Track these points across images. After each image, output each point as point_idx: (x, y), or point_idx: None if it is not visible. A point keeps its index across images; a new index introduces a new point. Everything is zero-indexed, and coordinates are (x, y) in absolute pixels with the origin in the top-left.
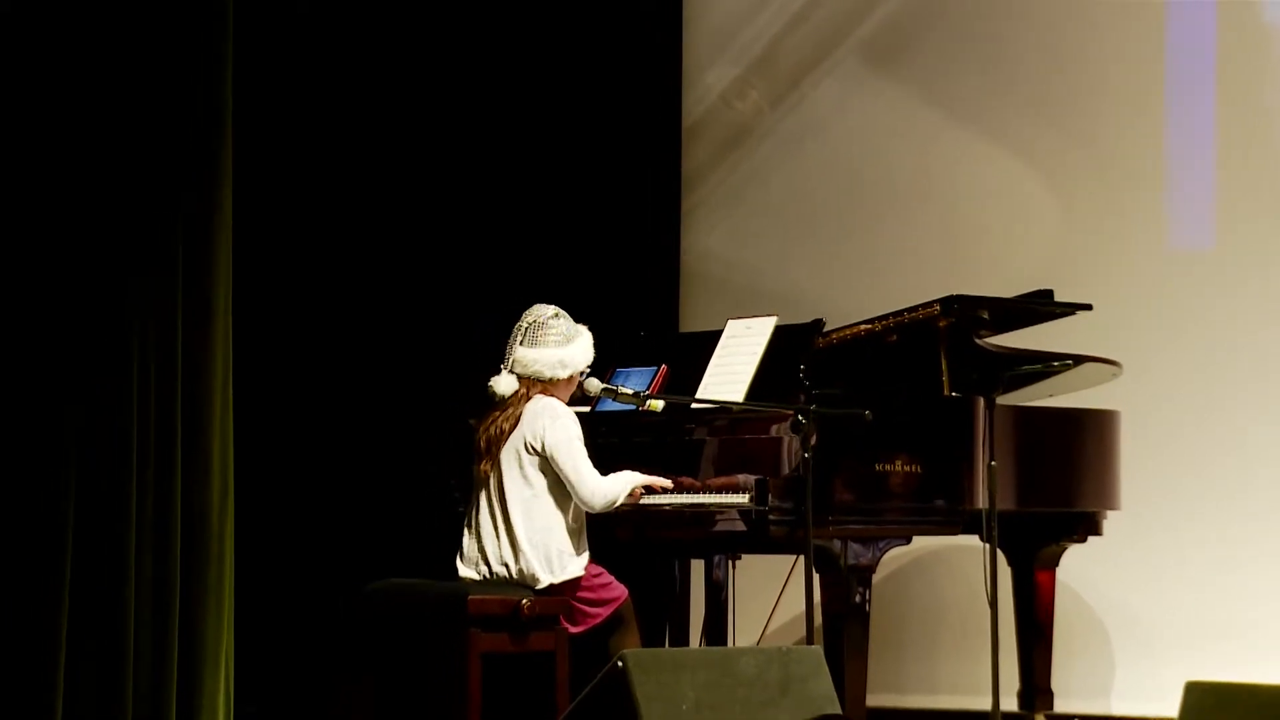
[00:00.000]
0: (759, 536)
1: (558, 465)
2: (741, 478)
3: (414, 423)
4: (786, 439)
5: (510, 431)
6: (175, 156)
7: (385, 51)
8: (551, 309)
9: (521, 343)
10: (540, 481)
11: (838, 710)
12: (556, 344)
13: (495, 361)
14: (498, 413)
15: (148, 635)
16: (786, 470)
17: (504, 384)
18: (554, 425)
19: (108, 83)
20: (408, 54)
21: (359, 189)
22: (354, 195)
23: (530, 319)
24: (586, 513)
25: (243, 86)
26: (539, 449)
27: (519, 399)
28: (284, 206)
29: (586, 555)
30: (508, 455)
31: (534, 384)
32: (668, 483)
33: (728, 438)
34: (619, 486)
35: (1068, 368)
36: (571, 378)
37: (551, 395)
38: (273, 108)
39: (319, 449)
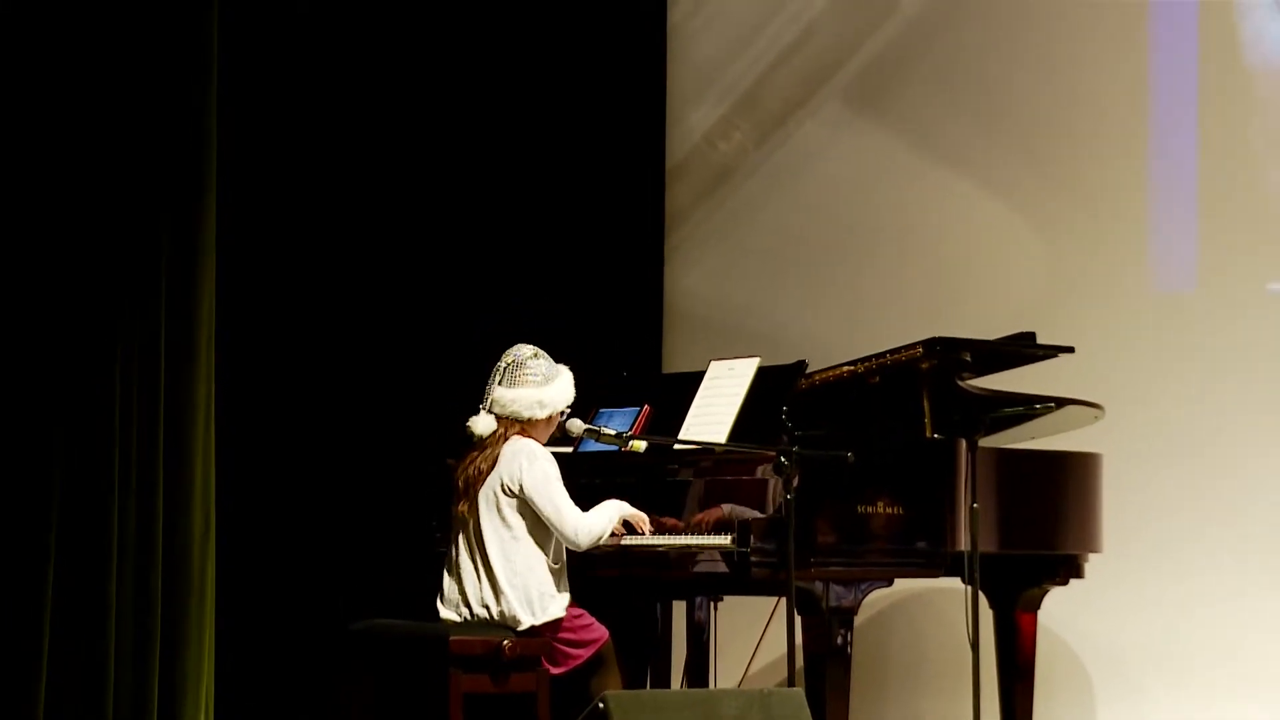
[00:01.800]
0: (741, 578)
1: (537, 507)
2: (726, 508)
3: (395, 463)
4: (770, 480)
5: (488, 472)
6: (158, 190)
7: (366, 80)
8: (530, 349)
9: (500, 383)
10: (519, 523)
11: None
12: (534, 384)
13: (476, 401)
14: (476, 453)
15: (128, 668)
16: (769, 511)
17: (482, 424)
18: (531, 467)
19: (90, 115)
20: (391, 91)
21: (342, 226)
22: (337, 232)
23: (509, 359)
24: (568, 553)
25: (227, 108)
26: (516, 491)
27: (497, 439)
28: (267, 245)
29: (568, 596)
30: (485, 496)
31: (512, 424)
32: (646, 519)
33: (711, 479)
34: (603, 521)
35: (1050, 410)
36: (550, 418)
37: (530, 436)
38: (256, 138)
39: (300, 487)
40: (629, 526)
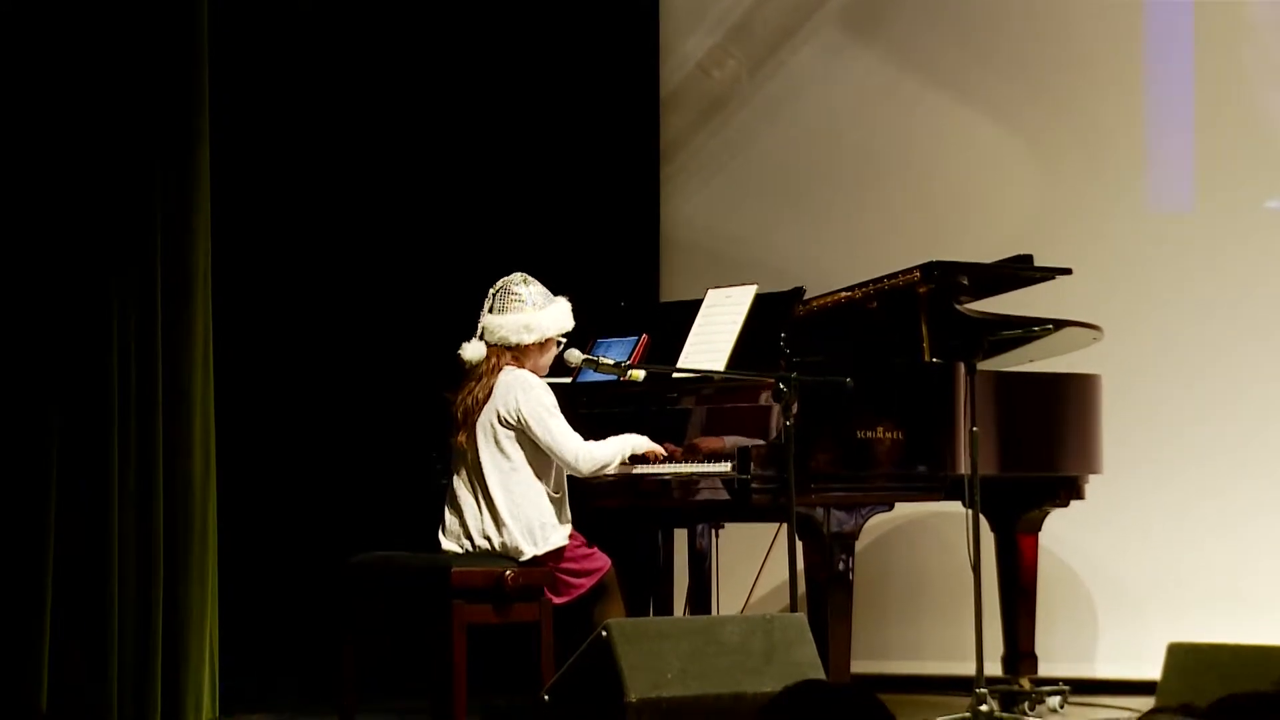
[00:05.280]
0: (742, 505)
1: (536, 436)
2: (729, 439)
3: (394, 395)
4: (770, 407)
5: (484, 401)
6: (153, 136)
7: (358, 28)
8: (520, 276)
9: (490, 310)
10: (518, 454)
11: (822, 677)
12: (522, 309)
13: (473, 334)
14: (473, 383)
15: (131, 607)
16: (769, 438)
17: (471, 350)
18: (526, 397)
19: (83, 75)
20: (381, 29)
21: (334, 164)
22: (329, 170)
23: (498, 286)
24: (569, 482)
25: (219, 69)
26: (514, 422)
27: (492, 368)
28: (261, 183)
29: (569, 525)
30: (483, 428)
31: (503, 351)
32: (661, 451)
33: (711, 407)
34: (607, 450)
35: (1048, 332)
36: (543, 345)
37: (523, 365)
38: (248, 88)
39: (300, 423)
40: (637, 458)
